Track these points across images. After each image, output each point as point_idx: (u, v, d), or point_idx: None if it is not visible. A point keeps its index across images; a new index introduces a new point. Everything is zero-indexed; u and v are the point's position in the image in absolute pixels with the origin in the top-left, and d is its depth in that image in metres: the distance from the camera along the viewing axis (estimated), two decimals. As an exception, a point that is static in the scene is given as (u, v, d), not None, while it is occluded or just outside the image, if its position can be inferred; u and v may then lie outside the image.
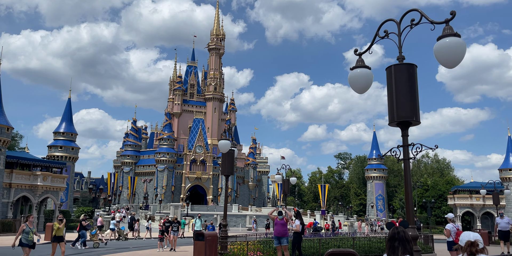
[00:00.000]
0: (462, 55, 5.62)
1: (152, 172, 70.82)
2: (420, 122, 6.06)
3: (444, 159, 70.48)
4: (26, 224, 11.69)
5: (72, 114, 53.55)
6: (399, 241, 3.84)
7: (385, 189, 61.46)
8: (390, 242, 3.93)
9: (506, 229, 14.79)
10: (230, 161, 13.71)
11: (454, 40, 5.60)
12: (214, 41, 79.74)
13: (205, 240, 12.39)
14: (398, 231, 3.88)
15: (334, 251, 7.07)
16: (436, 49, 5.69)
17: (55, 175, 33.01)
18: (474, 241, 3.40)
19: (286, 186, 23.59)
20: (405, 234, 3.90)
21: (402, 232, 3.87)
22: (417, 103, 6.01)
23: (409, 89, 6.01)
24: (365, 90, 6.79)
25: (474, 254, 3.36)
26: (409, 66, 6.13)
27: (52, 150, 51.13)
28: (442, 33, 5.73)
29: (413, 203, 56.03)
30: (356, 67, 6.74)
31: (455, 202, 47.61)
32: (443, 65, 5.75)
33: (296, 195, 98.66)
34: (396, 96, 6.04)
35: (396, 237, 3.88)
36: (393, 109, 6.05)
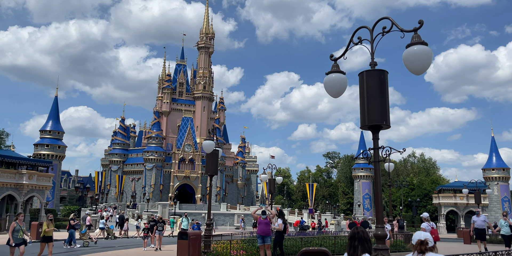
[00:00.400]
0: (429, 62, 5.88)
1: (141, 170, 70.59)
2: (390, 126, 6.30)
3: (430, 159, 71.51)
4: (16, 222, 11.75)
5: (59, 112, 53.14)
6: (358, 240, 4.09)
7: (372, 188, 62.15)
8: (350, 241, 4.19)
9: (482, 227, 15.14)
10: (214, 161, 13.89)
11: (421, 48, 5.86)
12: (203, 40, 79.65)
13: (189, 239, 12.57)
14: (358, 231, 4.13)
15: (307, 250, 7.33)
16: (405, 56, 5.96)
17: (41, 174, 32.81)
18: (424, 240, 3.65)
19: (272, 185, 23.81)
20: (364, 233, 4.15)
21: (362, 232, 4.12)
22: (388, 108, 6.26)
23: (380, 94, 6.25)
24: (339, 94, 7.03)
25: (424, 252, 3.61)
26: (380, 72, 6.38)
27: (38, 148, 50.67)
28: (411, 41, 5.98)
29: (400, 202, 56.90)
30: (331, 72, 6.97)
31: (440, 201, 48.40)
32: (411, 72, 6.01)
33: (285, 194, 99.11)
34: (367, 101, 6.27)
35: (356, 237, 4.13)
36: (364, 113, 6.28)
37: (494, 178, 48.04)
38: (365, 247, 4.05)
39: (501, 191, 47.26)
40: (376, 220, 6.30)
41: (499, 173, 48.11)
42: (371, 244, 4.12)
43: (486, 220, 15.26)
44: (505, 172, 48.29)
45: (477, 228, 15.17)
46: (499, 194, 47.23)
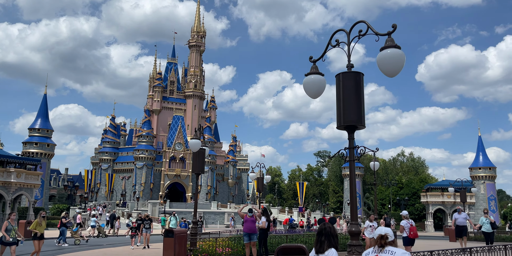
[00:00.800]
0: (401, 65, 6.10)
1: (131, 169, 70.41)
2: (365, 126, 6.52)
3: (419, 158, 72.32)
4: (9, 221, 11.69)
5: (48, 110, 52.79)
6: (325, 236, 4.33)
7: (361, 187, 62.64)
8: (318, 236, 4.42)
9: (463, 224, 15.48)
10: (200, 160, 14.04)
11: (395, 51, 6.07)
12: (194, 38, 79.54)
13: (174, 237, 12.71)
14: (325, 227, 4.35)
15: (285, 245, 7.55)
16: (379, 59, 6.17)
17: (29, 172, 32.66)
18: (384, 235, 3.87)
19: (261, 184, 24.03)
20: (331, 229, 4.38)
21: (329, 228, 4.35)
22: (363, 109, 6.48)
23: (356, 95, 6.47)
24: (318, 95, 7.22)
25: (383, 246, 3.82)
26: (356, 74, 6.59)
27: (27, 146, 50.32)
28: (384, 45, 6.19)
29: (389, 200, 57.49)
30: (310, 74, 7.15)
31: (428, 200, 49.02)
32: (384, 74, 6.23)
33: (276, 192, 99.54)
34: (343, 102, 6.48)
35: (323, 232, 4.35)
36: (340, 114, 6.49)
37: (481, 177, 48.76)
38: (331, 242, 4.28)
39: (488, 189, 47.99)
40: (350, 217, 6.52)
41: (485, 172, 48.85)
42: (337, 239, 4.34)
43: (467, 217, 15.58)
44: (492, 171, 49.06)
45: (458, 225, 15.49)
46: (486, 193, 47.97)
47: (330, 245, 4.26)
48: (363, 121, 6.42)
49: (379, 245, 3.85)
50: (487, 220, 14.94)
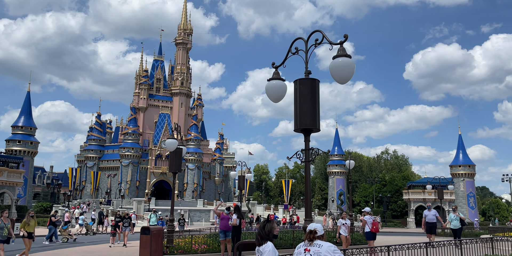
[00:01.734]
0: (351, 73, 6.55)
1: (117, 167, 70.22)
2: (319, 129, 6.96)
3: (403, 155, 73.52)
4: (1, 219, 11.72)
5: (31, 108, 52.36)
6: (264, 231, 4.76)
7: (345, 184, 63.56)
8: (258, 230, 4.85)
9: (432, 221, 15.98)
10: (178, 159, 14.38)
11: (345, 60, 6.51)
12: (181, 36, 79.44)
13: (151, 234, 13.05)
14: (265, 224, 4.78)
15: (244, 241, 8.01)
16: (331, 66, 6.60)
17: (11, 170, 32.57)
18: (313, 229, 4.29)
19: (242, 182, 24.44)
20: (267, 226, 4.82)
21: (266, 225, 4.79)
22: (318, 113, 6.91)
23: (311, 101, 6.89)
24: (279, 99, 7.62)
25: (312, 240, 4.25)
26: (312, 80, 7.01)
27: (10, 144, 49.91)
28: (337, 53, 6.62)
29: (372, 197, 58.44)
30: (272, 79, 7.55)
31: (409, 197, 50.02)
32: (335, 80, 6.67)
33: (263, 190, 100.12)
34: (299, 107, 6.90)
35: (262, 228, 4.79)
36: (297, 117, 6.90)
37: (461, 175, 49.90)
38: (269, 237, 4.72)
39: (467, 186, 49.16)
40: (305, 215, 6.96)
41: (465, 170, 50.00)
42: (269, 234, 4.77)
43: (436, 214, 16.08)
44: (471, 169, 50.24)
45: (428, 222, 15.93)
46: (465, 190, 49.14)
47: (267, 239, 4.68)
48: (317, 124, 6.85)
49: (308, 239, 4.28)
50: (455, 216, 15.49)
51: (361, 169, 68.92)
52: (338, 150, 64.66)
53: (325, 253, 4.14)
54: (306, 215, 6.90)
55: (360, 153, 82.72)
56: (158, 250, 13.32)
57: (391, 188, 55.70)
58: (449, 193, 48.49)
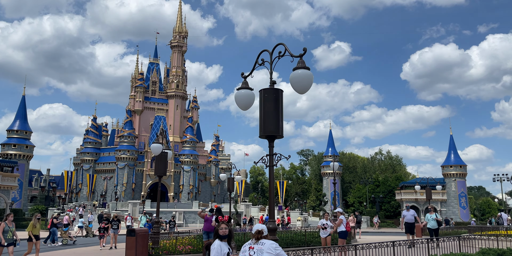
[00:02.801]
0: (310, 84, 7.04)
1: (113, 169, 70.59)
2: (282, 136, 7.44)
3: (396, 156, 74.12)
4: (6, 223, 11.99)
5: (26, 112, 52.72)
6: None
7: (340, 185, 64.03)
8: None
9: (411, 222, 16.39)
10: (163, 163, 14.85)
11: (304, 72, 7.01)
12: (176, 39, 79.95)
13: (136, 236, 13.51)
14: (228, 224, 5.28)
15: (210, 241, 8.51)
16: (291, 78, 7.09)
17: (5, 174, 32.96)
18: (261, 230, 4.79)
19: (231, 184, 24.89)
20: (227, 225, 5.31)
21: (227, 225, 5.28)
22: (281, 121, 7.39)
23: (275, 109, 7.36)
24: (248, 107, 8.10)
25: (259, 239, 4.74)
26: (276, 90, 7.49)
27: (5, 148, 50.27)
28: (296, 65, 7.12)
29: (366, 198, 58.93)
30: (241, 88, 8.03)
31: (402, 197, 50.55)
32: (295, 90, 7.16)
33: (259, 191, 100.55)
34: (264, 115, 7.38)
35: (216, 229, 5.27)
36: (262, 125, 7.38)
37: (452, 175, 50.45)
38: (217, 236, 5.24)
39: (459, 187, 49.70)
40: (268, 216, 7.43)
41: (456, 170, 50.56)
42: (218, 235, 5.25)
43: (415, 214, 16.52)
44: (462, 169, 50.80)
45: (407, 222, 16.34)
46: (457, 190, 49.69)
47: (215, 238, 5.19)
48: (280, 131, 7.32)
49: (255, 238, 4.77)
50: (432, 217, 15.91)
51: (355, 170, 69.49)
52: (332, 151, 65.20)
53: (267, 250, 4.64)
54: (270, 216, 7.37)
55: (356, 154, 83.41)
56: (143, 251, 13.78)
57: (384, 188, 56.23)
58: (440, 193, 49.06)
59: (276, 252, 4.67)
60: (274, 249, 4.67)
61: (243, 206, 58.40)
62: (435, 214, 16.20)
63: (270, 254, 4.62)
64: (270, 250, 4.64)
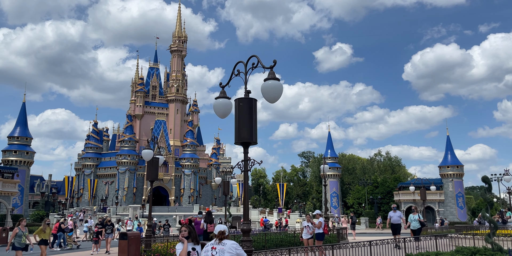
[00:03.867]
0: (280, 93, 7.52)
1: (114, 174, 71.12)
2: (256, 142, 7.89)
3: (396, 157, 74.42)
4: (19, 228, 12.42)
5: (27, 118, 53.37)
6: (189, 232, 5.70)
7: (339, 187, 64.36)
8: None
9: (397, 223, 16.56)
10: (154, 168, 15.29)
11: (274, 82, 7.49)
12: (176, 43, 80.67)
13: (128, 239, 13.97)
14: (186, 226, 5.72)
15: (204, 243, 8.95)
16: (262, 88, 7.56)
17: (6, 180, 33.51)
18: (223, 231, 5.24)
19: (226, 187, 25.31)
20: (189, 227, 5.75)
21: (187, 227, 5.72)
22: (254, 128, 7.84)
23: (249, 117, 7.82)
24: (226, 115, 8.57)
25: (222, 239, 5.19)
26: (250, 100, 7.95)
27: (6, 154, 50.91)
28: (267, 76, 7.59)
29: (365, 199, 59.18)
30: (219, 97, 8.49)
31: (400, 198, 50.84)
32: (266, 100, 7.61)
33: (261, 193, 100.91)
34: (239, 123, 7.83)
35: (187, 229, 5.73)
36: (237, 132, 7.84)
37: (449, 175, 50.75)
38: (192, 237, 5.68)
39: (456, 187, 49.97)
40: (243, 218, 7.88)
41: (453, 170, 50.86)
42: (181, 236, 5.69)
43: (401, 215, 16.76)
44: (459, 169, 51.09)
45: (393, 223, 16.42)
46: (454, 190, 49.95)
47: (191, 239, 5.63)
48: (254, 138, 7.78)
49: (218, 238, 5.22)
50: (415, 217, 16.23)
51: (354, 171, 69.78)
52: (331, 153, 65.57)
53: (228, 250, 5.09)
54: (244, 218, 7.82)
55: (357, 156, 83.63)
56: (136, 254, 14.23)
57: (383, 189, 56.53)
58: (438, 193, 49.31)
59: (237, 252, 5.12)
60: (235, 249, 5.12)
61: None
62: (418, 215, 16.50)
63: (231, 253, 5.06)
64: (231, 250, 5.09)
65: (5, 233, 25.14)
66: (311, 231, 12.75)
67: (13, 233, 12.36)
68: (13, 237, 12.28)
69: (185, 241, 5.54)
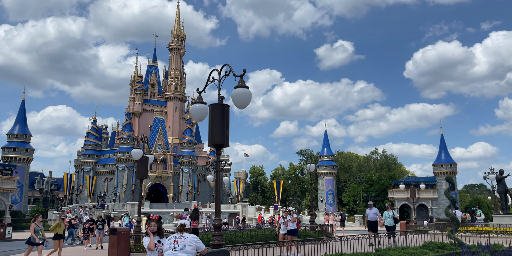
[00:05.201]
0: (249, 100, 8.17)
1: (113, 171, 71.88)
2: (228, 145, 8.54)
3: (392, 155, 75.08)
4: (35, 223, 13.08)
5: (26, 116, 54.16)
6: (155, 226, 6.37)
7: (335, 185, 65.04)
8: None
9: (374, 220, 16.67)
10: (144, 167, 15.98)
11: (243, 90, 8.14)
12: (174, 42, 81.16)
13: (118, 234, 14.64)
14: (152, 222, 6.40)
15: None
16: (233, 95, 8.21)
17: (4, 177, 34.24)
18: (184, 224, 5.89)
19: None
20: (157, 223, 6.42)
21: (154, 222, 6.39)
22: (226, 132, 8.47)
23: (221, 122, 8.46)
24: (202, 119, 9.20)
25: (182, 231, 5.84)
26: (223, 105, 8.59)
27: (6, 151, 51.69)
28: (238, 84, 8.23)
29: (360, 197, 59.88)
30: (195, 102, 9.13)
31: (394, 196, 51.54)
32: (236, 106, 8.25)
33: (259, 191, 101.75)
34: (212, 126, 8.48)
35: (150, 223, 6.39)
36: (210, 135, 8.48)
37: (443, 173, 51.42)
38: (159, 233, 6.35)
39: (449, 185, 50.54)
40: (215, 215, 8.53)
41: (447, 169, 51.53)
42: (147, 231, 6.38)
43: (377, 213, 16.82)
44: (452, 168, 51.77)
45: (370, 221, 16.73)
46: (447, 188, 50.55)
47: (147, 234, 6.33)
48: (226, 141, 8.42)
49: (180, 231, 5.87)
50: (389, 214, 16.62)
51: (351, 169, 70.45)
52: (327, 151, 66.19)
53: (188, 243, 5.74)
54: (215, 215, 8.48)
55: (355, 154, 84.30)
56: (125, 249, 14.92)
57: (378, 187, 57.22)
58: (431, 191, 50.00)
59: (196, 245, 5.77)
60: (195, 242, 5.77)
61: (240, 206, 59.53)
62: (392, 211, 16.62)
63: (191, 246, 5.72)
64: (191, 243, 5.74)
65: (2, 228, 25.85)
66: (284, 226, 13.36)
67: (32, 229, 12.93)
68: (32, 232, 12.81)
69: (151, 234, 6.20)
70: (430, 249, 10.63)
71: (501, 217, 17.57)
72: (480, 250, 8.79)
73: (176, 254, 5.69)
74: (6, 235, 25.71)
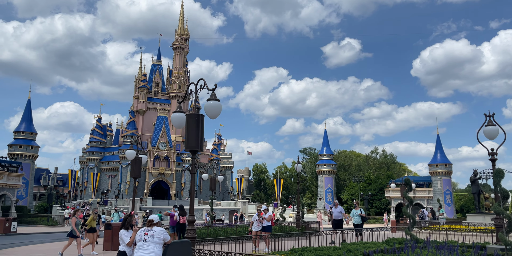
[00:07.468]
0: (219, 111, 9.31)
1: (117, 168, 73.43)
2: (202, 150, 9.67)
3: (391, 154, 75.93)
4: (76, 217, 14.24)
5: (32, 114, 55.69)
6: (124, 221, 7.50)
7: (334, 183, 66.05)
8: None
9: (339, 218, 16.85)
10: (137, 166, 17.14)
11: (214, 102, 9.28)
12: (178, 41, 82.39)
13: (112, 229, 15.86)
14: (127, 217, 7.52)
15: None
16: (205, 106, 9.33)
17: (10, 174, 35.71)
18: (152, 219, 7.02)
19: (213, 184, 27.12)
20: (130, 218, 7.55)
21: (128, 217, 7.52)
22: (200, 139, 9.57)
23: (196, 130, 9.56)
24: (182, 126, 10.33)
25: (151, 225, 6.95)
26: (197, 115, 9.69)
27: (12, 149, 53.38)
28: (209, 97, 9.34)
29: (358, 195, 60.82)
30: (176, 112, 10.23)
31: (390, 195, 52.43)
32: (208, 116, 9.36)
33: (262, 188, 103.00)
34: (188, 133, 9.59)
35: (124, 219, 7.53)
36: (186, 141, 9.60)
37: (438, 173, 52.24)
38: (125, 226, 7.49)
39: (444, 184, 51.45)
40: (189, 211, 9.68)
41: (442, 168, 52.34)
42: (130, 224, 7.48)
43: (342, 211, 17.11)
44: (448, 168, 52.56)
45: (335, 219, 16.97)
46: (442, 188, 51.46)
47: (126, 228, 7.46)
48: (200, 147, 9.51)
49: (148, 225, 6.99)
50: (356, 212, 16.85)
51: (350, 168, 71.38)
52: (327, 150, 67.16)
53: (157, 235, 6.86)
54: (190, 211, 9.62)
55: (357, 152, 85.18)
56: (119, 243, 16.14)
57: (376, 186, 58.15)
58: (427, 190, 50.86)
59: (163, 236, 6.89)
60: (163, 234, 6.90)
61: (240, 203, 60.73)
62: (360, 210, 17.00)
63: (159, 238, 6.84)
64: (159, 235, 6.86)
65: (8, 223, 27.26)
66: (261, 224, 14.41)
67: (73, 222, 14.02)
68: (74, 225, 13.87)
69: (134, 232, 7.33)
70: (389, 244, 11.70)
71: (473, 216, 18.55)
72: (425, 245, 9.88)
73: (147, 244, 6.81)
74: (11, 229, 27.16)
